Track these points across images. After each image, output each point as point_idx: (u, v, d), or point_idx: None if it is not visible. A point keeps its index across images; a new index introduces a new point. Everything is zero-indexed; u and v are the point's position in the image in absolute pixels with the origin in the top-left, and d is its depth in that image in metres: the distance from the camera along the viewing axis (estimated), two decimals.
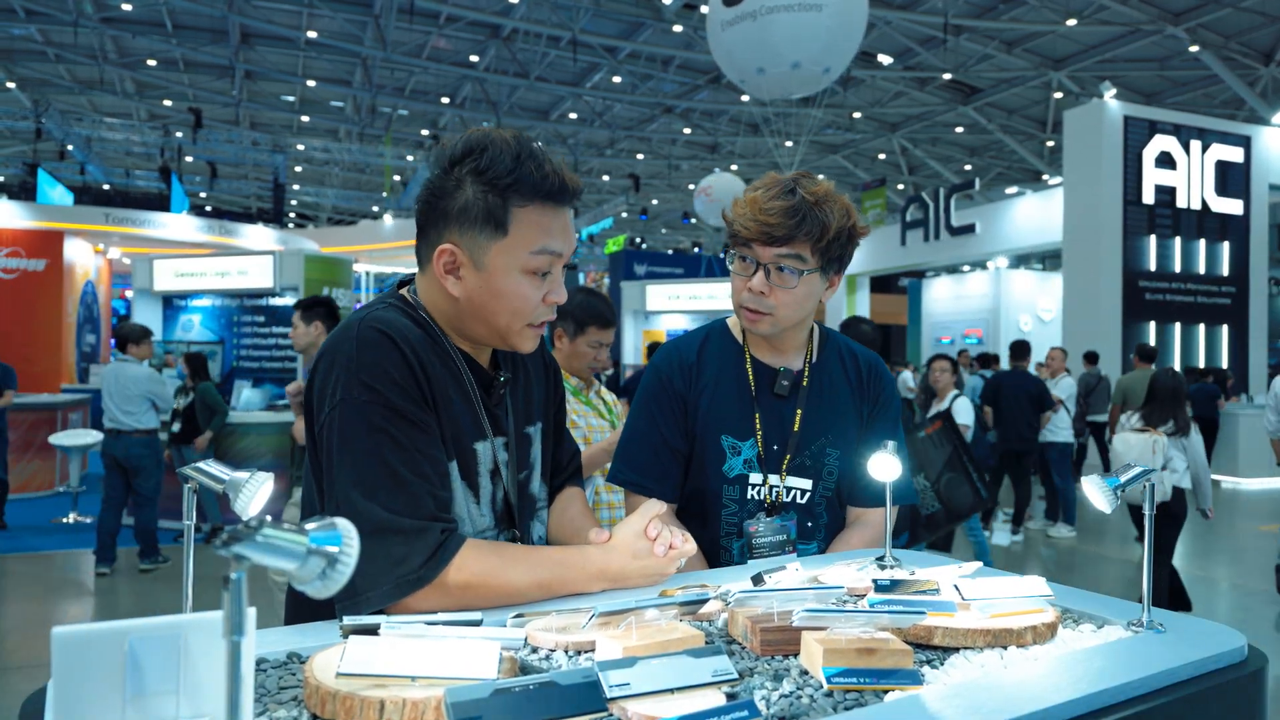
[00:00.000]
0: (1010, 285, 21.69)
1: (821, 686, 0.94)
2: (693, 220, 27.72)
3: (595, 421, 3.03)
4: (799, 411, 1.79)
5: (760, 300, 1.70)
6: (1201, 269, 14.23)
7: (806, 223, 1.65)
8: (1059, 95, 19.09)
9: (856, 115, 21.65)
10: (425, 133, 23.90)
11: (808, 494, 1.80)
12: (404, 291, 1.43)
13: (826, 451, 1.81)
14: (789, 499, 1.79)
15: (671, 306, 13.39)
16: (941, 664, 1.04)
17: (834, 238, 1.68)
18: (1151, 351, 9.37)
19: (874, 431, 1.85)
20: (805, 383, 1.82)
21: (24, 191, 21.65)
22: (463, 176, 1.30)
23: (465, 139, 1.32)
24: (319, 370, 1.30)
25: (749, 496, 1.78)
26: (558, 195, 1.32)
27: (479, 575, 1.23)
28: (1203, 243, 14.20)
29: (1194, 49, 15.99)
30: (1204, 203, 14.13)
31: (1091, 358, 10.63)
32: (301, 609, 1.35)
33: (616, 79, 20.36)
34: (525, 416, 1.52)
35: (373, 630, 0.98)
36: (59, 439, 8.77)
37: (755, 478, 1.77)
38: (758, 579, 1.31)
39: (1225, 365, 14.11)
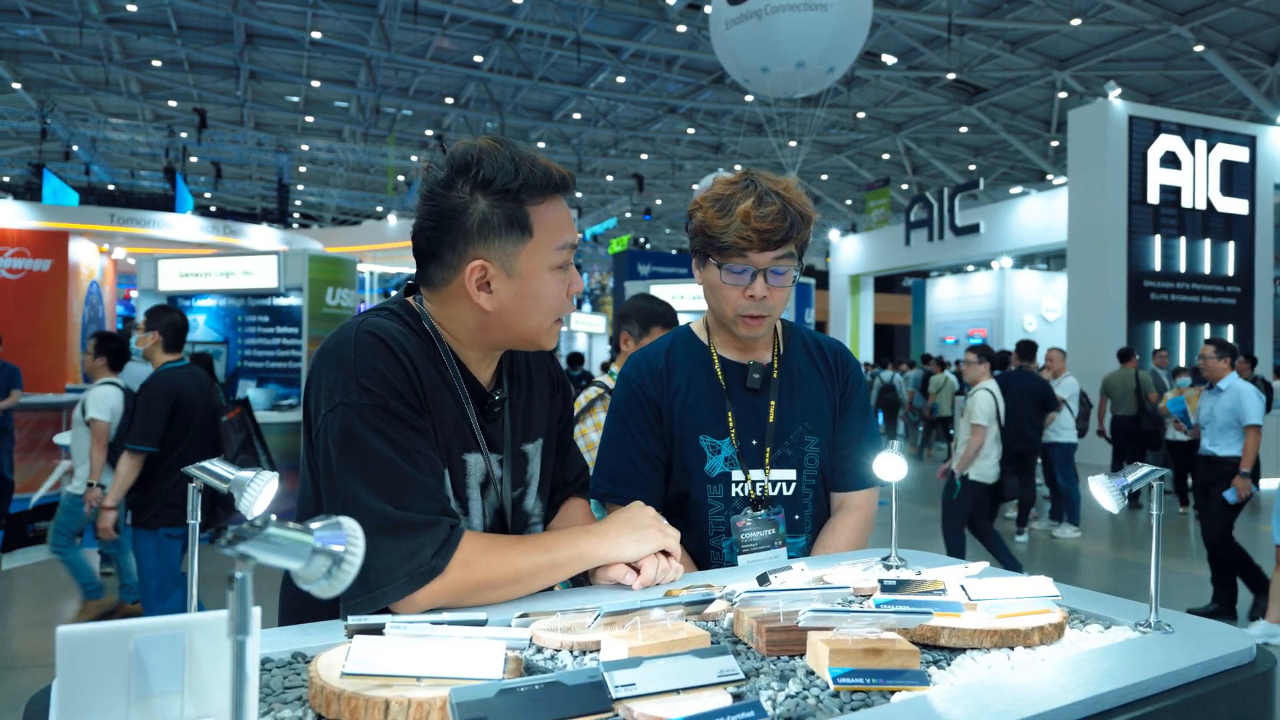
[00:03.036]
0: (1015, 285, 21.67)
1: (828, 687, 0.94)
2: None
3: None
4: (772, 403, 1.81)
5: (762, 305, 1.72)
6: (1206, 269, 14.20)
7: (795, 222, 1.69)
8: (1063, 95, 19.06)
9: (860, 115, 21.63)
10: (429, 133, 23.94)
11: (793, 485, 1.81)
12: (410, 300, 1.43)
13: (806, 439, 1.82)
14: (774, 492, 1.80)
15: (675, 306, 13.36)
16: (948, 664, 1.04)
17: (810, 229, 1.75)
18: (1128, 353, 10.31)
19: (848, 416, 1.88)
20: (775, 375, 1.84)
21: (29, 192, 21.70)
22: (468, 193, 1.30)
23: (451, 157, 1.32)
24: (315, 374, 1.31)
25: (733, 494, 1.79)
26: (560, 186, 1.35)
27: (481, 563, 1.24)
28: (1208, 242, 14.17)
29: (1199, 48, 15.95)
30: (1209, 202, 14.09)
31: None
32: (296, 608, 1.34)
33: (620, 79, 20.36)
34: (524, 433, 1.52)
35: (378, 630, 0.98)
36: (63, 438, 8.77)
37: (737, 474, 1.79)
38: (763, 579, 1.30)
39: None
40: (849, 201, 29.89)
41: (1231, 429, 5.95)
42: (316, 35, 17.63)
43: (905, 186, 26.92)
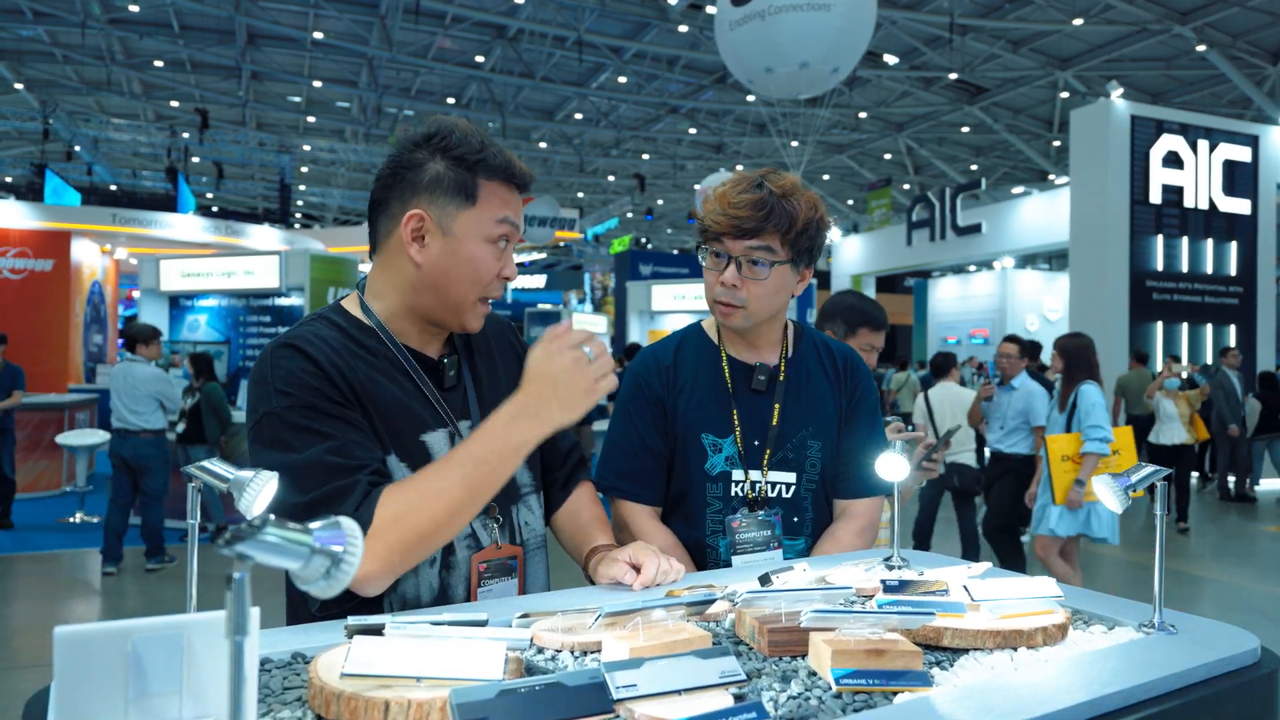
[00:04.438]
0: (1016, 285, 21.64)
1: (830, 688, 0.94)
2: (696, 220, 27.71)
3: None
4: (776, 406, 1.81)
5: (733, 293, 1.72)
6: (1209, 269, 14.17)
7: (775, 215, 1.68)
8: (1065, 95, 19.04)
9: (862, 115, 21.62)
10: None
11: (792, 488, 1.81)
12: (347, 301, 1.47)
13: (808, 444, 1.82)
14: (773, 494, 1.80)
15: (677, 306, 13.38)
16: (951, 665, 1.03)
17: (802, 229, 1.71)
18: (1145, 355, 11.17)
19: (854, 423, 1.88)
20: (782, 377, 1.84)
21: (31, 192, 21.73)
22: (430, 154, 1.37)
23: (429, 125, 1.41)
24: (248, 397, 1.36)
25: (732, 494, 1.79)
26: (517, 178, 1.43)
27: (410, 511, 1.21)
28: (1210, 242, 14.14)
29: (1201, 48, 15.93)
30: (1211, 202, 14.06)
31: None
32: (301, 609, 1.35)
33: (622, 79, 20.35)
34: (493, 404, 1.51)
35: (377, 630, 0.98)
36: (66, 439, 8.80)
37: (738, 474, 1.79)
38: (765, 579, 1.30)
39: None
40: (850, 201, 29.87)
41: (1021, 429, 6.12)
42: (318, 35, 17.63)
43: (907, 186, 26.90)
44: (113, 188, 27.26)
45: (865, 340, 2.89)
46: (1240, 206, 14.35)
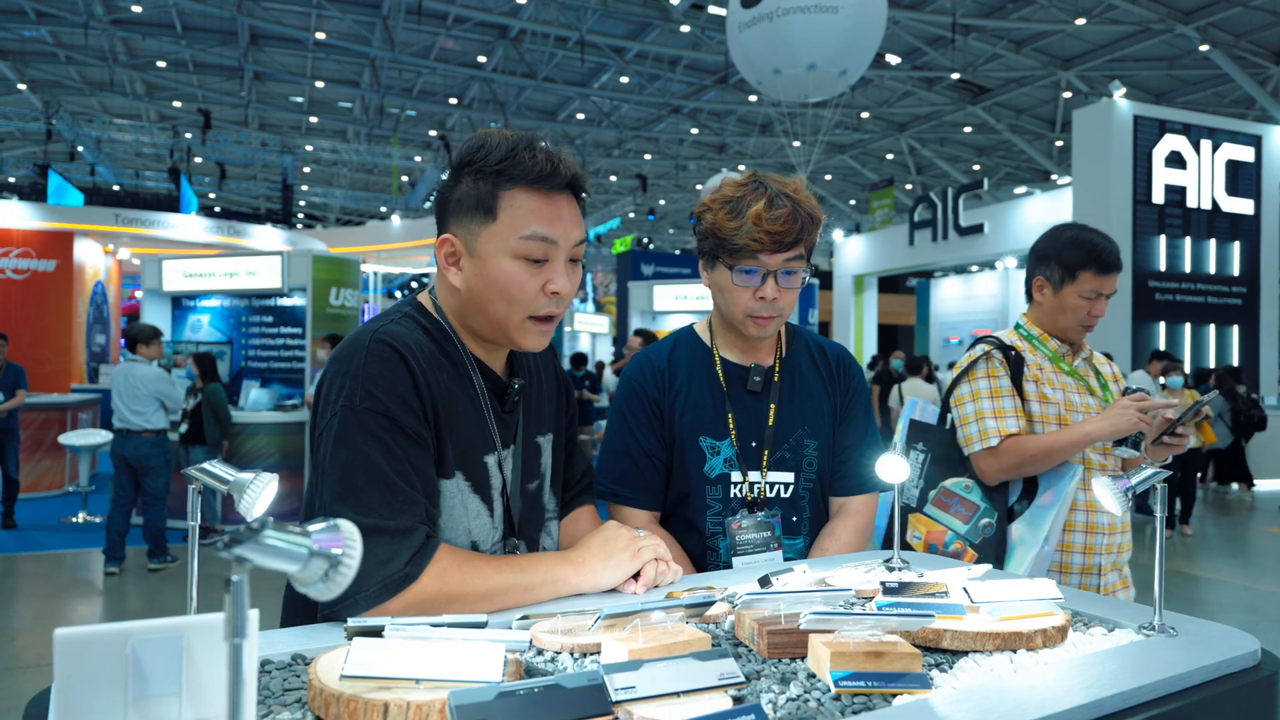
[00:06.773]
0: (1019, 285, 21.54)
1: (829, 690, 0.94)
2: None
3: (1079, 399, 2.28)
4: (772, 406, 1.82)
5: (772, 306, 1.73)
6: (1212, 269, 14.15)
7: (805, 224, 1.71)
8: (1068, 95, 19.02)
9: (865, 115, 21.60)
10: (433, 133, 23.95)
11: (790, 487, 1.82)
12: (423, 298, 1.45)
13: (805, 443, 1.83)
14: (772, 494, 1.81)
15: (679, 307, 13.36)
16: (950, 667, 1.03)
17: (816, 231, 1.75)
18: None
19: (848, 421, 1.89)
20: (776, 378, 1.85)
21: (34, 192, 21.76)
22: (464, 174, 1.36)
23: (467, 142, 1.37)
24: (326, 377, 1.33)
25: (731, 495, 1.80)
26: (547, 180, 1.33)
27: (456, 575, 1.23)
28: (1213, 243, 14.12)
29: (1204, 48, 15.91)
30: (1214, 202, 14.04)
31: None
32: (296, 611, 1.35)
33: (624, 79, 20.36)
34: (537, 425, 1.53)
35: (377, 632, 0.98)
36: (69, 439, 8.81)
37: (736, 476, 1.80)
38: (765, 581, 1.30)
39: (1236, 366, 14.04)
40: (853, 202, 29.86)
41: None
42: (321, 36, 17.65)
43: (909, 187, 26.88)
44: (115, 188, 27.29)
45: (1090, 286, 2.24)
46: (1243, 206, 14.32)
